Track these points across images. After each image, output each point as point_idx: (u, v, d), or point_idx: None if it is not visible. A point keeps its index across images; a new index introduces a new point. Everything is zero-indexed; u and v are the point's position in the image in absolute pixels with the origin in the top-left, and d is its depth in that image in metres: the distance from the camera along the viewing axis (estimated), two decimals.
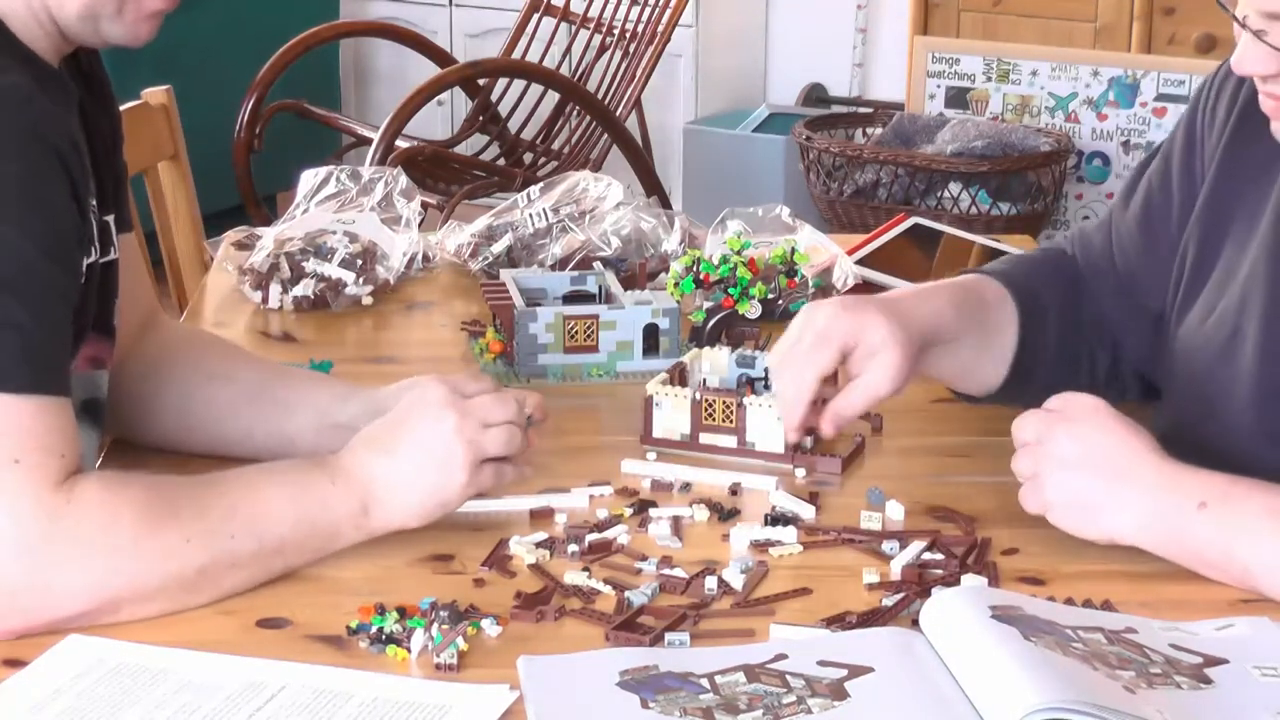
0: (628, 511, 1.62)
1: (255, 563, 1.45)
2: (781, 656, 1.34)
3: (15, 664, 1.35)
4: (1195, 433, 1.64)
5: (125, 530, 1.40)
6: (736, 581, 1.48)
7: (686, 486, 1.69)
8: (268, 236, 2.31)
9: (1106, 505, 1.50)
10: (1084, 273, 1.81)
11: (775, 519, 1.60)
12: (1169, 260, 1.73)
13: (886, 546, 1.56)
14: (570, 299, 2.09)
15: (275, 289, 2.22)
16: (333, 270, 2.23)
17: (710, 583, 1.48)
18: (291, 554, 1.48)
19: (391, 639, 1.37)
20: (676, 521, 1.60)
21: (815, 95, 5.40)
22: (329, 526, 1.49)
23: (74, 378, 1.59)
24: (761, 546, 1.56)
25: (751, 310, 2.12)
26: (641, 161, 4.48)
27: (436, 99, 4.50)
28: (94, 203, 1.56)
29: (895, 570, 1.52)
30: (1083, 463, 1.51)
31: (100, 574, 1.39)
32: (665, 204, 4.15)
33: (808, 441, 1.75)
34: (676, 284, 2.13)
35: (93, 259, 1.59)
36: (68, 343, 1.47)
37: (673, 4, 4.58)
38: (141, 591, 1.40)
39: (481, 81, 4.69)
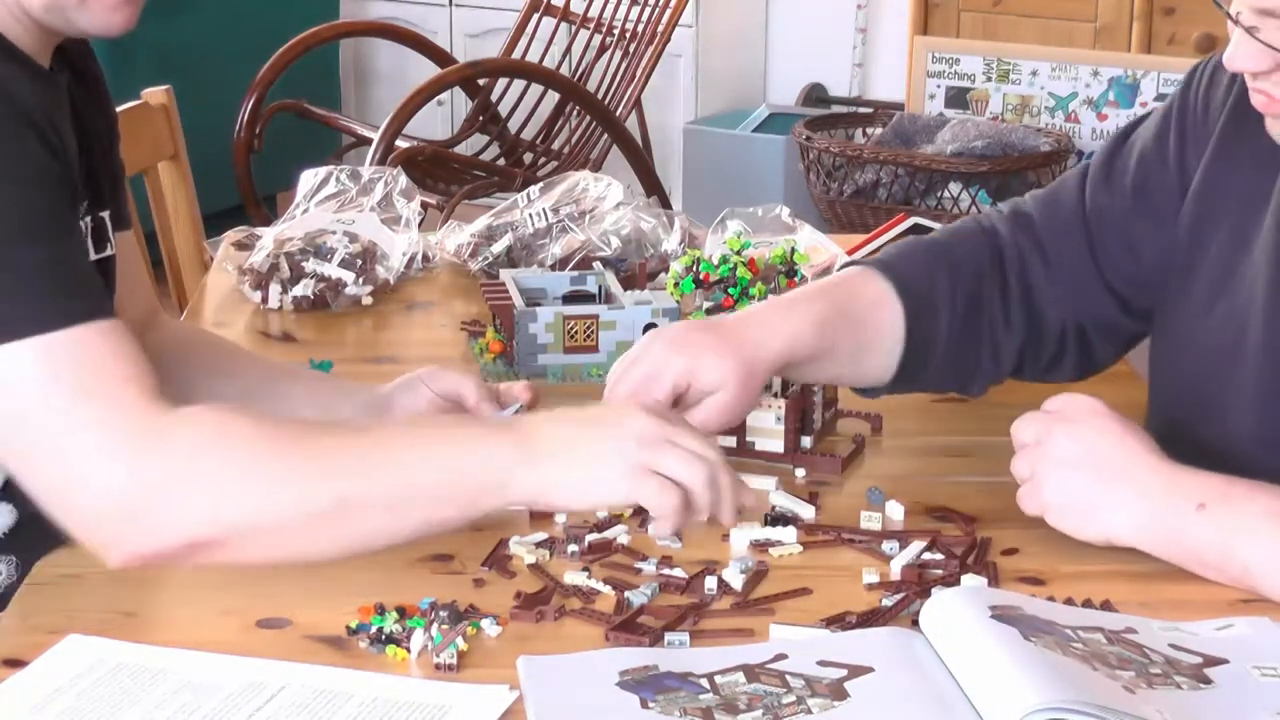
0: (628, 511, 1.62)
1: (387, 509, 1.38)
2: (781, 656, 1.34)
3: (15, 664, 1.35)
4: (1194, 433, 1.64)
5: (237, 454, 1.36)
6: (736, 581, 1.48)
7: None
8: (268, 236, 2.31)
9: (1104, 506, 1.50)
10: (1042, 241, 1.74)
11: (775, 519, 1.60)
12: (1153, 241, 1.71)
13: (886, 546, 1.56)
14: (570, 299, 2.09)
15: (275, 289, 2.22)
16: (333, 270, 2.24)
17: (710, 583, 1.48)
18: (429, 505, 1.39)
19: (391, 639, 1.37)
20: None
21: (815, 95, 5.40)
22: (472, 476, 1.40)
23: None
24: (761, 546, 1.56)
25: None
26: (641, 161, 4.48)
27: (436, 99, 4.50)
28: (85, 201, 1.56)
29: (895, 570, 1.52)
30: (1081, 464, 1.50)
31: (210, 498, 1.35)
32: (665, 204, 4.15)
33: (807, 441, 1.75)
34: (676, 284, 2.13)
35: (91, 257, 1.59)
36: (92, 270, 1.44)
37: (673, 4, 4.58)
38: (258, 522, 1.36)
39: (481, 81, 4.69)
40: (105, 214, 1.64)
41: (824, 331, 1.64)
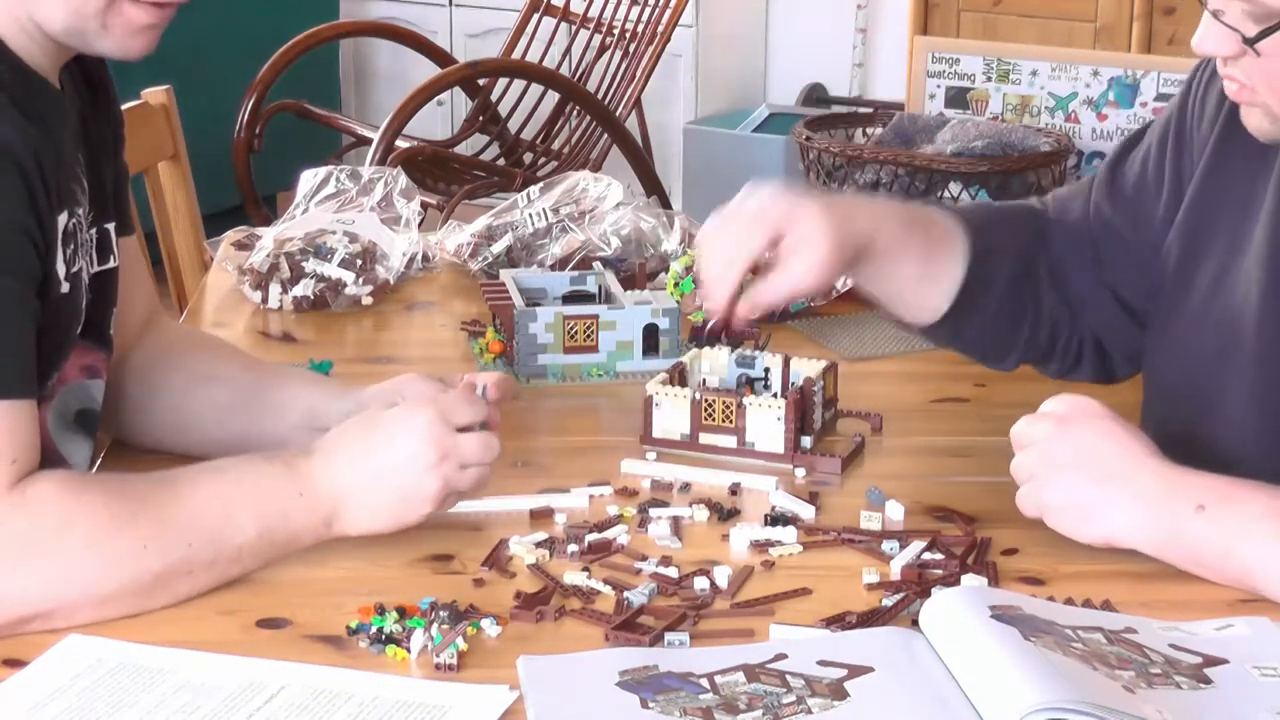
0: (632, 511, 1.62)
1: (211, 571, 1.45)
2: (781, 656, 1.34)
3: (15, 664, 1.35)
4: (1189, 436, 1.64)
5: (79, 535, 1.39)
6: (725, 582, 1.48)
7: (686, 486, 1.69)
8: (268, 236, 2.31)
9: (1104, 508, 1.50)
10: (1057, 240, 1.77)
11: (775, 519, 1.60)
12: (1155, 249, 1.71)
13: (886, 546, 1.56)
14: (570, 299, 2.09)
15: (275, 289, 2.22)
16: (333, 270, 2.23)
17: (700, 583, 1.48)
18: (249, 561, 1.47)
19: (391, 639, 1.37)
20: (676, 521, 1.60)
21: (815, 95, 5.40)
22: (288, 536, 1.48)
23: (67, 387, 1.59)
24: (761, 546, 1.56)
25: None
26: (641, 161, 4.48)
27: (436, 99, 4.50)
28: (81, 212, 1.55)
29: (895, 570, 1.52)
30: (1080, 466, 1.50)
31: (52, 578, 1.39)
32: (665, 204, 4.14)
33: (807, 441, 1.75)
34: (676, 284, 2.13)
35: (94, 269, 1.59)
36: (24, 346, 1.45)
37: (673, 4, 4.58)
38: (95, 596, 1.40)
39: (481, 81, 4.69)
40: (110, 225, 1.64)
41: (908, 231, 1.68)
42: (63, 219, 1.51)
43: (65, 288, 1.52)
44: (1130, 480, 1.49)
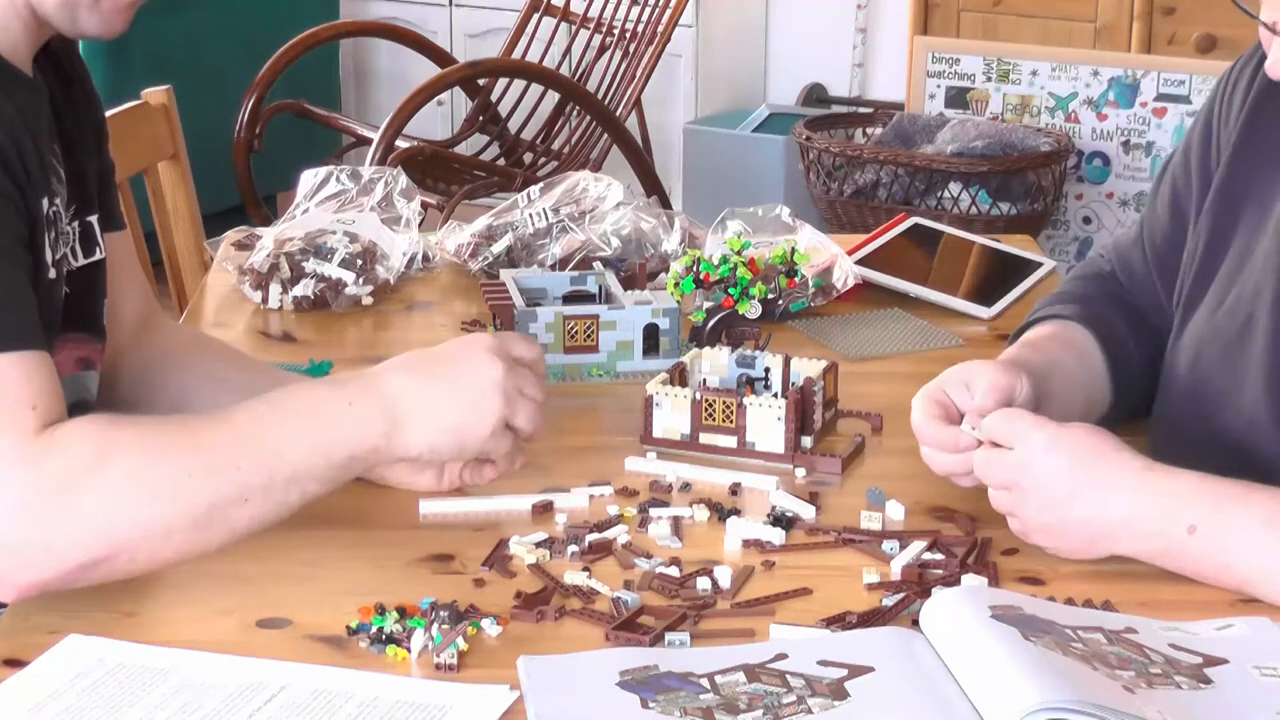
0: (632, 511, 1.62)
1: (268, 496, 1.42)
2: (781, 656, 1.35)
3: (15, 664, 1.35)
4: (1206, 424, 1.64)
5: (119, 468, 1.37)
6: (726, 581, 1.48)
7: (686, 486, 1.69)
8: (268, 236, 2.31)
9: (1100, 540, 1.49)
10: (1128, 289, 1.81)
11: (776, 519, 1.60)
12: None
13: (886, 546, 1.56)
14: (570, 299, 2.09)
15: (275, 289, 2.22)
16: (333, 270, 2.23)
17: (703, 583, 1.48)
18: (308, 484, 1.44)
19: (391, 639, 1.37)
20: (676, 521, 1.60)
21: (815, 95, 5.40)
22: (345, 452, 1.45)
23: (62, 380, 1.58)
24: (755, 544, 1.56)
25: (751, 310, 2.12)
26: (641, 161, 4.48)
27: (436, 99, 4.50)
28: (60, 201, 1.54)
29: (895, 570, 1.52)
30: (1065, 514, 1.49)
31: (99, 517, 1.36)
32: (665, 204, 4.15)
33: (807, 441, 1.75)
34: (676, 284, 2.13)
35: (79, 261, 1.58)
36: (22, 297, 1.43)
37: (673, 4, 4.58)
38: (148, 532, 1.38)
39: (481, 81, 4.69)
40: (93, 218, 1.64)
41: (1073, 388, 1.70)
42: (43, 204, 1.50)
43: (52, 274, 1.52)
44: (1118, 505, 1.48)
